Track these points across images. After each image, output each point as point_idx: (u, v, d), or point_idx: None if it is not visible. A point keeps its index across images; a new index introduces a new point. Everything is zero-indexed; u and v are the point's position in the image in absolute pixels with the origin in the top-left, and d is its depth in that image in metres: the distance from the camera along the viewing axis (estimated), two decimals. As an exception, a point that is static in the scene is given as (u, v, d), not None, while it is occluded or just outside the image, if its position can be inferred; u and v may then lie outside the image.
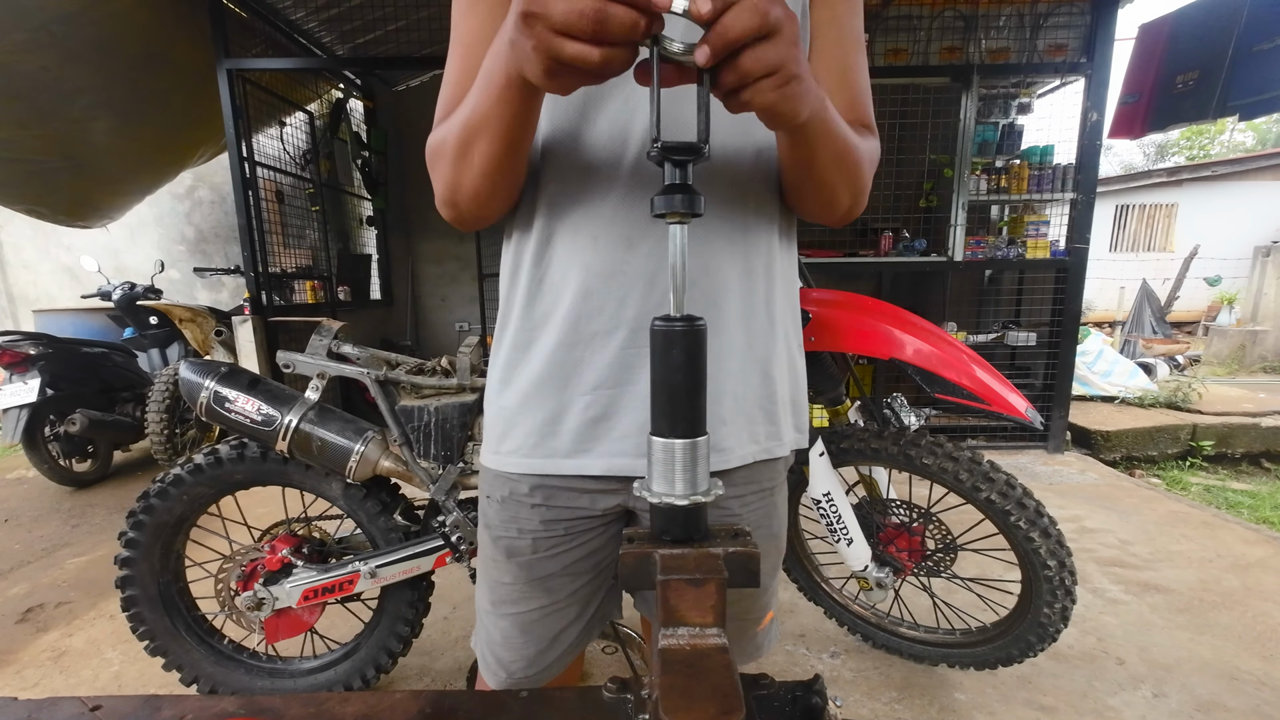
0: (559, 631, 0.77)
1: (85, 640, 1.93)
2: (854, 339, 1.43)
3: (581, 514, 0.72)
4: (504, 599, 0.76)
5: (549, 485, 0.71)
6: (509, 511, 0.73)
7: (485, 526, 0.76)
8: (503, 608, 0.76)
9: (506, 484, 0.72)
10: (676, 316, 0.48)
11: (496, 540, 0.74)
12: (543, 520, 0.72)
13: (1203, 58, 3.26)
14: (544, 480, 0.71)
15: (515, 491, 0.72)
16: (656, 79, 0.44)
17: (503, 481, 0.73)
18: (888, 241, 3.85)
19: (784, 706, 0.43)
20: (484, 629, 0.79)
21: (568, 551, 0.74)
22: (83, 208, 3.65)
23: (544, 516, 0.72)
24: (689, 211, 0.47)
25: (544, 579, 0.74)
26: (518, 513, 0.72)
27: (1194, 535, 2.56)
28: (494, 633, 0.77)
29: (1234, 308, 9.07)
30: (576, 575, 0.75)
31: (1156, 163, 18.53)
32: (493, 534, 0.75)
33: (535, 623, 0.76)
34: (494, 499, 0.74)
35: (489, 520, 0.75)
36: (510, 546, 0.74)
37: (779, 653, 1.79)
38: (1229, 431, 3.87)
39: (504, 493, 0.73)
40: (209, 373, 1.32)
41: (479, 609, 0.81)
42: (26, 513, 3.07)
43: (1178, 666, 1.71)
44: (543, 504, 0.71)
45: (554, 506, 0.72)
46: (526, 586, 0.74)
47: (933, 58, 3.72)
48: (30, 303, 5.24)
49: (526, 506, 0.72)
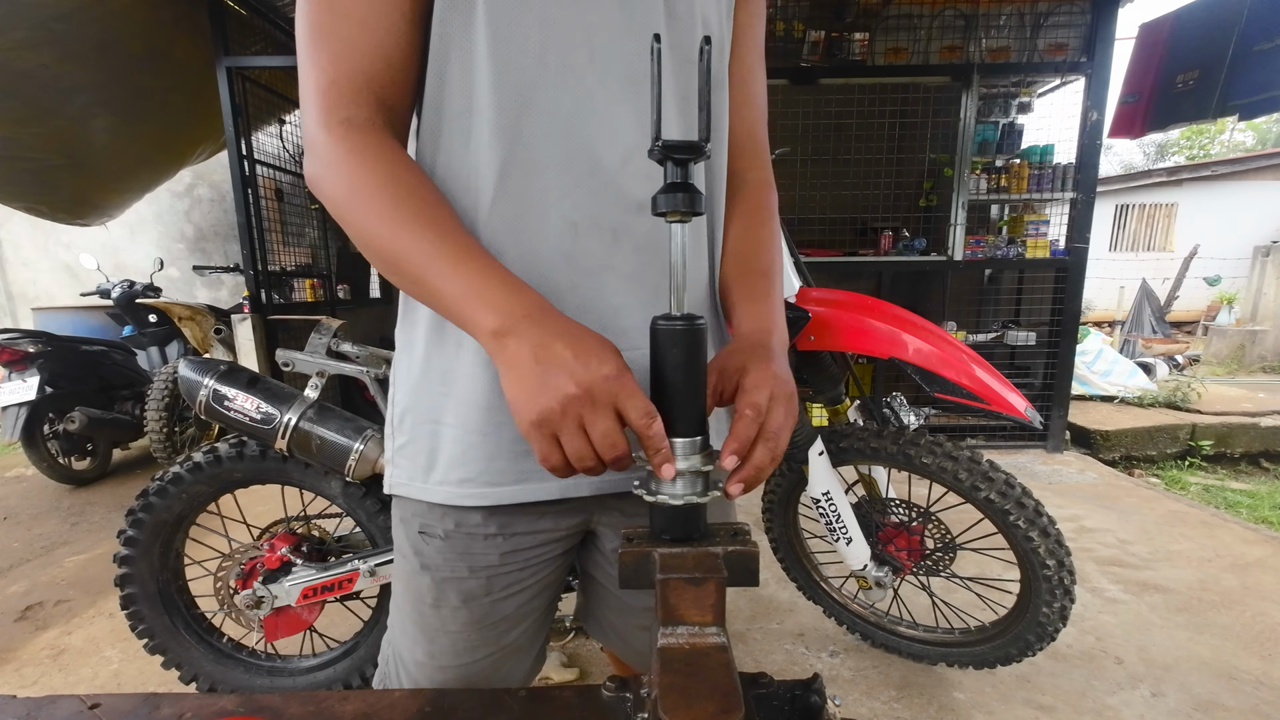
0: (508, 671, 0.70)
1: (84, 638, 1.93)
2: (853, 338, 1.43)
3: (543, 539, 0.65)
4: (447, 649, 0.66)
5: (507, 513, 0.63)
6: (457, 548, 0.63)
7: (423, 569, 0.65)
8: (443, 659, 0.67)
9: (450, 516, 0.62)
10: (677, 315, 0.48)
11: (442, 584, 0.64)
12: (501, 553, 0.64)
13: (1203, 57, 3.26)
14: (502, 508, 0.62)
15: (464, 523, 0.62)
16: (657, 76, 0.44)
17: (443, 514, 0.63)
18: (887, 241, 3.85)
19: (783, 705, 0.43)
20: (412, 673, 0.70)
21: (525, 589, 0.67)
22: (82, 205, 3.64)
23: (502, 549, 0.64)
24: (690, 210, 0.47)
25: (497, 622, 0.66)
26: (469, 547, 0.63)
27: (1193, 535, 2.56)
28: (425, 685, 0.68)
29: (1233, 307, 9.07)
30: (530, 612, 0.69)
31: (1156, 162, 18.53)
32: (435, 576, 0.64)
33: (482, 671, 0.68)
34: (432, 535, 0.63)
35: (427, 561, 0.64)
36: (461, 589, 0.64)
37: (778, 651, 1.80)
38: (1228, 431, 3.87)
39: (447, 526, 0.63)
40: (208, 371, 1.31)
41: (407, 659, 0.70)
42: (25, 511, 3.07)
43: (1176, 666, 1.71)
44: (499, 533, 0.63)
45: (513, 535, 0.63)
46: (476, 633, 0.66)
47: (933, 57, 3.72)
48: (29, 301, 5.24)
49: (480, 539, 0.63)
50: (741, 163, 0.71)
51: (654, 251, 0.61)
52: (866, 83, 3.65)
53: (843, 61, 3.59)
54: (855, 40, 3.56)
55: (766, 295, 0.63)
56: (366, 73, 0.53)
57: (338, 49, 0.52)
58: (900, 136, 3.84)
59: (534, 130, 0.57)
